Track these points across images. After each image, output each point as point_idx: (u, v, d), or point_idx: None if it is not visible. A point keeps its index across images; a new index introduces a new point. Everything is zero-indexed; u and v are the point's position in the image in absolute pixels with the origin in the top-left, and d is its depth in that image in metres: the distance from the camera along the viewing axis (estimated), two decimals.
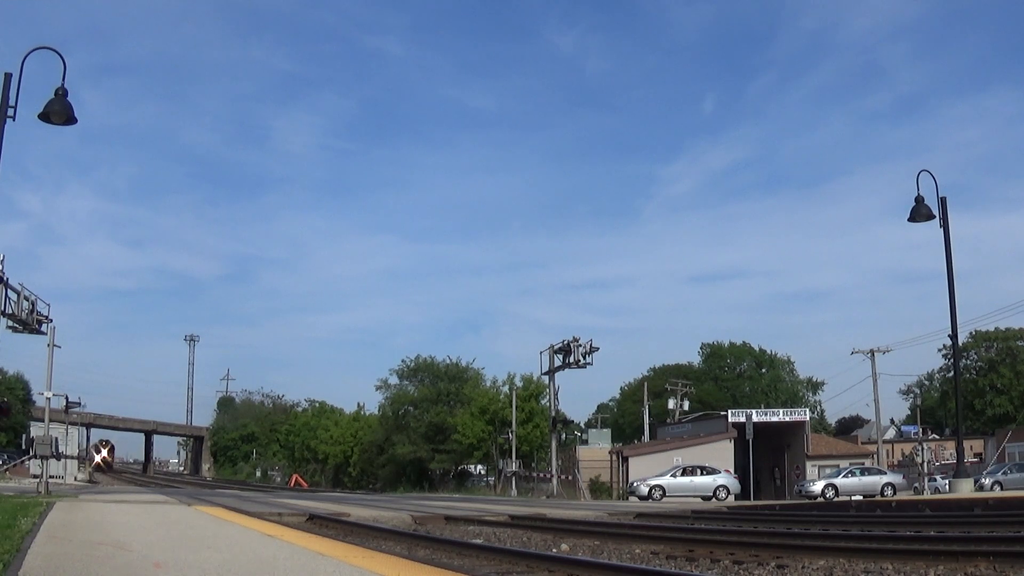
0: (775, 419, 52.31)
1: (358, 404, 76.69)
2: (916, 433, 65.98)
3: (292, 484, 67.90)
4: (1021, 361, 71.97)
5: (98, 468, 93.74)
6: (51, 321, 27.54)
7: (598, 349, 41.45)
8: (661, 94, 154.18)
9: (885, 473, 43.38)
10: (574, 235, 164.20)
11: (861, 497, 34.90)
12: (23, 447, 55.20)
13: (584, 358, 41.29)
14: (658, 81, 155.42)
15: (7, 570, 6.29)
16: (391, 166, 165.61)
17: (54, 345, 25.43)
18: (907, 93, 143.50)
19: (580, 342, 41.55)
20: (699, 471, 40.05)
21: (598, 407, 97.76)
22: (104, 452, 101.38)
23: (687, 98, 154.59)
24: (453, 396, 58.44)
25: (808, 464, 50.74)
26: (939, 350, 71.15)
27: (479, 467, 57.12)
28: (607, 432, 68.75)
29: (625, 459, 49.44)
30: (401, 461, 58.56)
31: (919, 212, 24.37)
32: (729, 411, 54.14)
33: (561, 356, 42.78)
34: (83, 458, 66.62)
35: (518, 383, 51.37)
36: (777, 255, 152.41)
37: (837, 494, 37.90)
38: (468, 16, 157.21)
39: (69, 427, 50.54)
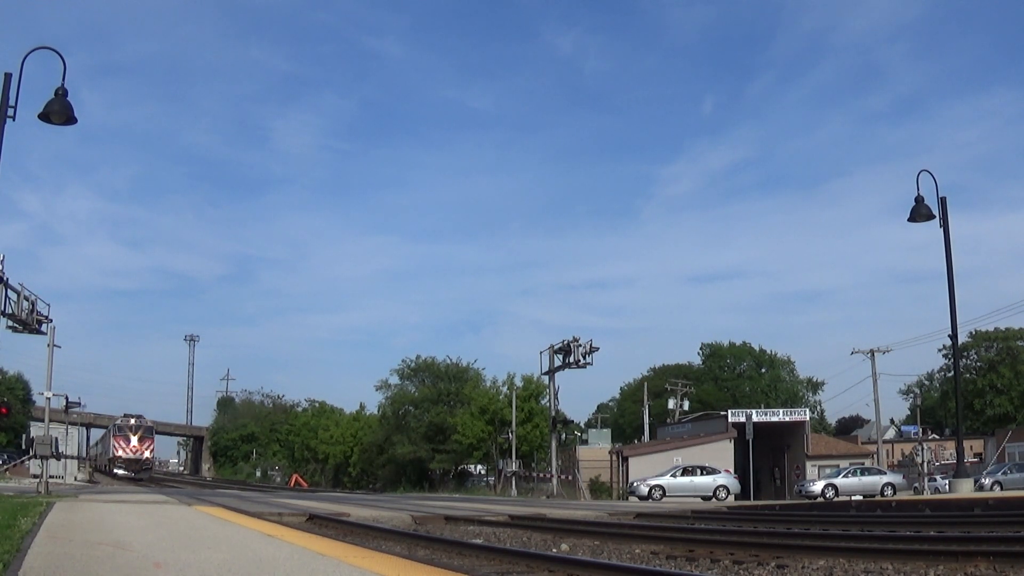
0: (775, 419, 52.34)
1: (360, 404, 76.82)
2: (916, 433, 66.02)
3: (292, 484, 67.90)
4: (1021, 361, 71.98)
5: (126, 469, 60.84)
6: (51, 321, 27.54)
7: (598, 349, 41.53)
8: (660, 95, 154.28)
9: (885, 473, 43.40)
10: (574, 235, 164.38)
11: (861, 497, 34.90)
12: (23, 447, 55.23)
13: (584, 358, 41.31)
14: (657, 82, 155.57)
15: (7, 570, 6.29)
16: (391, 166, 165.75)
17: (54, 345, 25.42)
18: (906, 94, 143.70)
19: (580, 342, 41.57)
20: (699, 471, 40.05)
21: (598, 407, 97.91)
22: (135, 439, 62.82)
23: (686, 99, 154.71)
24: (453, 396, 58.45)
25: (808, 464, 50.77)
26: (939, 350, 71.31)
27: (479, 467, 57.14)
28: (607, 432, 68.79)
29: (625, 459, 49.45)
30: (401, 461, 58.58)
31: (919, 212, 24.38)
32: (729, 411, 54.16)
33: (561, 356, 42.79)
34: (86, 458, 65.80)
35: (518, 383, 51.41)
36: (777, 255, 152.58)
37: (837, 494, 37.91)
38: (467, 17, 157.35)
39: (69, 427, 50.56)
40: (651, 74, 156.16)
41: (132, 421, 64.73)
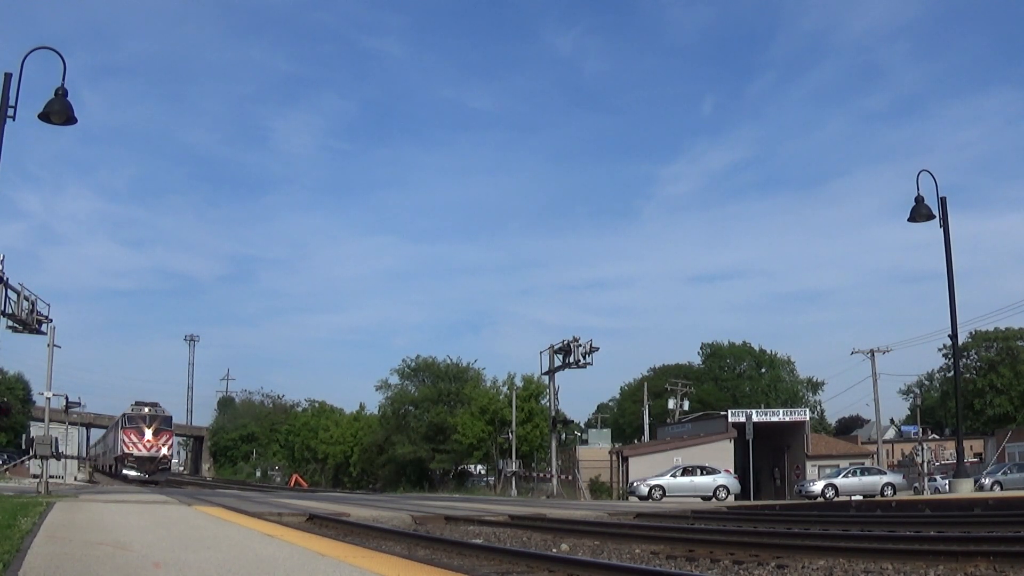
0: (775, 419, 52.36)
1: (360, 404, 76.81)
2: (916, 433, 66.02)
3: (292, 484, 67.88)
4: (1021, 361, 72.00)
5: (139, 469, 51.88)
6: (51, 321, 27.58)
7: (598, 349, 41.55)
8: (660, 95, 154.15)
9: (885, 473, 43.41)
10: (574, 235, 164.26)
11: (861, 497, 34.91)
12: (23, 447, 55.22)
13: (584, 358, 41.32)
14: (657, 82, 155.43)
15: (7, 570, 6.29)
16: (391, 166, 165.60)
17: (54, 345, 25.44)
18: (906, 94, 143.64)
19: (580, 342, 41.58)
20: (699, 471, 40.07)
21: (598, 407, 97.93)
22: (149, 433, 52.86)
23: (686, 99, 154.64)
24: (453, 396, 58.48)
25: (808, 464, 50.79)
26: (939, 350, 71.36)
27: (479, 467, 57.16)
28: (607, 432, 68.81)
29: (625, 459, 49.47)
30: (401, 461, 58.60)
31: (919, 212, 24.39)
32: (729, 411, 54.18)
33: (561, 356, 42.80)
34: (86, 458, 65.52)
35: (518, 383, 51.43)
36: (777, 255, 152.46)
37: (837, 494, 37.91)
38: (467, 17, 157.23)
39: (69, 427, 50.55)
40: (651, 74, 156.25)
41: (146, 410, 53.76)
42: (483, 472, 57.02)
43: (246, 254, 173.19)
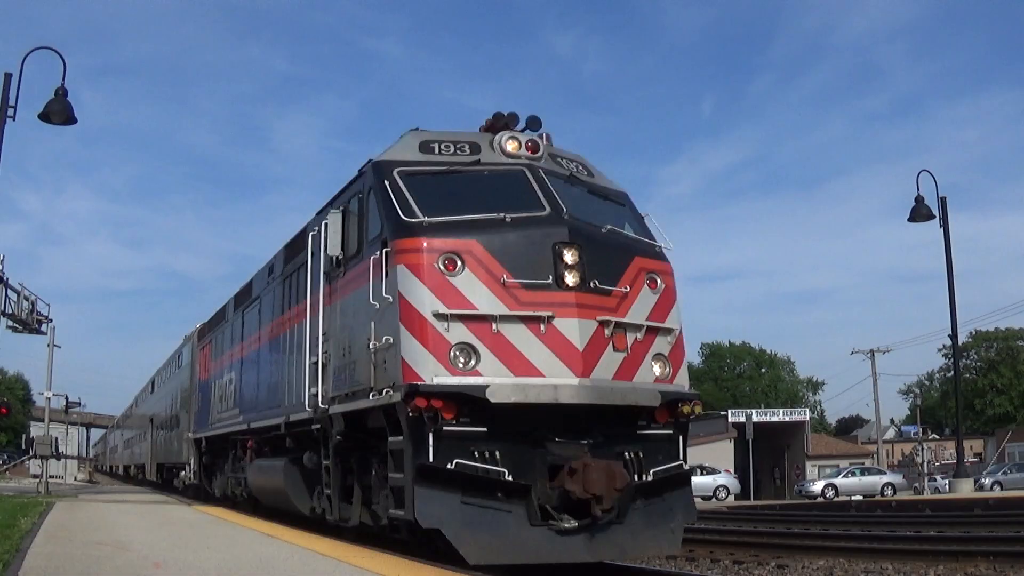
0: (775, 419, 52.34)
1: None
2: (916, 433, 65.98)
3: None
4: (1021, 361, 72.03)
5: None
6: (51, 321, 27.49)
7: None
8: (659, 95, 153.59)
9: (885, 473, 43.42)
10: None
11: (861, 497, 34.91)
12: (23, 447, 55.22)
13: None
14: (656, 82, 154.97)
15: (7, 570, 6.29)
16: None
17: (54, 345, 25.45)
18: (905, 94, 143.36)
19: None
20: (699, 471, 40.01)
21: None
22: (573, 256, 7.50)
23: (685, 99, 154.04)
24: None
25: (808, 464, 50.79)
26: (939, 350, 71.34)
27: None
28: None
29: None
30: None
31: (919, 212, 24.39)
32: (729, 411, 54.17)
33: None
34: (86, 458, 65.49)
35: None
36: (777, 255, 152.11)
37: (837, 494, 37.92)
38: (467, 18, 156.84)
39: (69, 427, 50.56)
40: (650, 75, 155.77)
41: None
42: None
43: (246, 254, 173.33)
